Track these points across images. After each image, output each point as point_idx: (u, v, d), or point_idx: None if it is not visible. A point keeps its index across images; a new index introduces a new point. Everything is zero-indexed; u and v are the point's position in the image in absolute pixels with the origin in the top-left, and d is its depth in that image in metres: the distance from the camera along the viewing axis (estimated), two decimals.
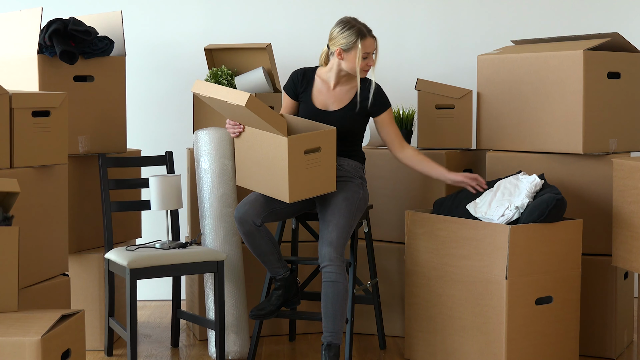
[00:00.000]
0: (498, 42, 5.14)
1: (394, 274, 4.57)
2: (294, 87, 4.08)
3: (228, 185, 4.27)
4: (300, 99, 4.07)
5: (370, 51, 3.94)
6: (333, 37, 3.94)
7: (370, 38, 3.92)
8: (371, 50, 3.94)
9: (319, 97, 4.04)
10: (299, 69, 4.10)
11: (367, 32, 3.92)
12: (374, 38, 3.94)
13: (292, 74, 4.10)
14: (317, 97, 4.04)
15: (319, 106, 4.02)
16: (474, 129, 4.58)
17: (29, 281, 3.65)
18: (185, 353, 4.36)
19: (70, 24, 4.18)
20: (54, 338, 2.98)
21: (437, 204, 4.16)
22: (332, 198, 3.88)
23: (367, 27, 3.94)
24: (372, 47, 3.94)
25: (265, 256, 3.95)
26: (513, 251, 3.71)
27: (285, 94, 4.09)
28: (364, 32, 3.91)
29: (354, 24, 3.93)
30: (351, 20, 3.95)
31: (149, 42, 5.28)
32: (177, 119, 5.27)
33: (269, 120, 3.64)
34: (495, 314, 3.76)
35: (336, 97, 4.02)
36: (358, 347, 4.45)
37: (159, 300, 5.37)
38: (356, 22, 3.95)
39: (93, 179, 4.42)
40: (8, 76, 4.21)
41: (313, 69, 4.09)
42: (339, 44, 3.91)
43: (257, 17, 5.29)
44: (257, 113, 3.60)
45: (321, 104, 4.03)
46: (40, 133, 3.65)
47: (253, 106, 3.58)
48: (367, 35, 3.92)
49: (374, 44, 3.94)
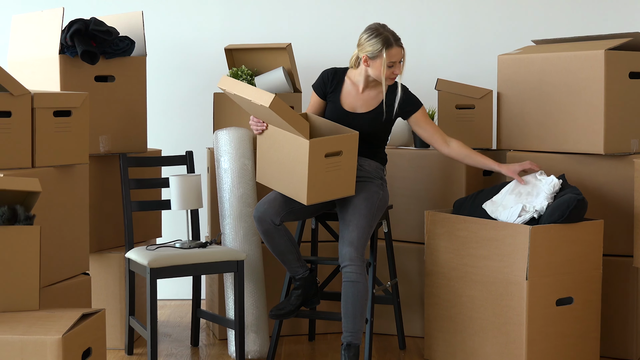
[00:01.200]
0: (519, 42, 5.12)
1: (414, 274, 4.56)
2: (324, 87, 4.07)
3: (248, 185, 4.28)
4: (329, 99, 4.06)
5: (396, 60, 3.90)
6: (360, 43, 3.92)
7: (396, 47, 3.88)
8: (397, 60, 3.90)
9: (348, 99, 4.03)
10: (330, 69, 4.09)
11: (394, 41, 3.88)
12: (400, 47, 3.90)
13: (322, 72, 4.09)
14: (345, 98, 4.03)
15: (347, 108, 4.01)
16: (494, 129, 4.56)
17: (51, 280, 3.67)
18: (205, 352, 4.37)
19: (92, 24, 4.20)
20: (75, 337, 2.99)
21: (457, 204, 4.15)
22: (353, 198, 3.88)
23: (395, 36, 3.90)
24: (398, 56, 3.90)
25: (284, 255, 3.96)
26: (533, 252, 3.70)
27: (314, 91, 4.08)
28: (391, 41, 3.87)
29: (381, 32, 3.88)
30: (379, 27, 3.90)
31: (170, 42, 5.29)
32: (198, 118, 5.28)
33: (292, 122, 3.64)
34: (515, 315, 3.75)
35: (364, 101, 4.01)
36: (378, 347, 4.45)
37: (179, 299, 5.39)
38: (384, 30, 3.90)
39: (114, 179, 4.44)
40: (30, 76, 4.23)
41: (344, 70, 4.08)
42: (365, 52, 3.89)
43: (277, 17, 5.30)
44: (280, 115, 3.60)
45: (349, 106, 4.02)
46: (62, 133, 3.67)
47: (277, 108, 3.58)
48: (393, 44, 3.87)
49: (400, 53, 3.90)
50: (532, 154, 4.28)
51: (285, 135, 3.78)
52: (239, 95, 3.70)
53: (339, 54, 4.19)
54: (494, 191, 4.05)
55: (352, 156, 3.83)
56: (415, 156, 4.58)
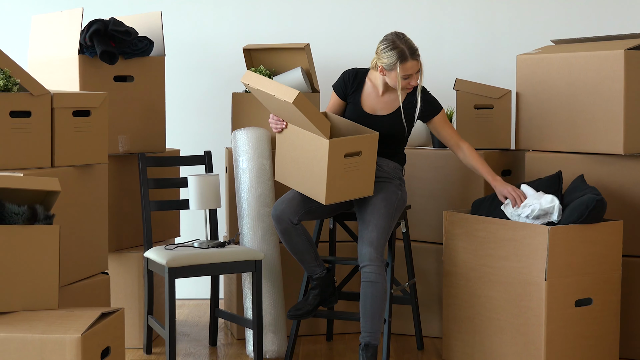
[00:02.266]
0: (537, 42, 5.10)
1: (432, 275, 4.56)
2: (344, 88, 4.06)
3: (266, 185, 4.29)
4: (349, 100, 4.05)
5: (412, 73, 3.86)
6: (377, 53, 3.89)
7: (411, 61, 3.83)
8: (412, 72, 3.85)
9: (368, 100, 4.02)
10: (352, 69, 4.08)
11: (410, 54, 3.82)
12: (416, 60, 3.84)
13: (343, 73, 4.08)
14: (366, 100, 4.03)
15: (367, 110, 4.01)
16: (513, 129, 4.55)
17: (70, 279, 3.69)
18: (223, 352, 4.38)
19: (111, 24, 4.21)
20: (94, 336, 3.01)
21: (476, 205, 4.14)
22: (371, 198, 3.87)
23: (412, 48, 3.84)
24: (414, 69, 3.85)
25: (302, 255, 3.96)
26: (552, 252, 3.69)
27: (334, 92, 4.08)
28: (406, 55, 3.82)
29: (397, 44, 3.83)
30: (395, 39, 3.85)
31: (189, 43, 5.30)
32: (216, 118, 5.29)
33: (313, 120, 3.64)
34: (534, 316, 3.74)
35: (385, 103, 4.00)
36: (395, 347, 4.44)
37: (198, 299, 5.40)
38: (400, 41, 3.84)
39: (133, 178, 4.45)
40: (49, 76, 4.25)
41: (365, 71, 4.06)
42: (382, 63, 3.86)
43: (295, 17, 5.30)
44: (303, 112, 3.59)
45: (370, 108, 4.01)
46: (81, 132, 3.69)
47: (300, 104, 3.57)
48: (408, 58, 3.82)
49: (415, 66, 3.85)
50: (551, 154, 4.27)
51: (305, 135, 3.78)
52: (262, 90, 3.69)
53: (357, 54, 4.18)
54: None
55: (372, 157, 3.82)
56: (434, 156, 4.57)
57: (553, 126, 4.27)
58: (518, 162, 4.61)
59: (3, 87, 3.45)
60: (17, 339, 2.93)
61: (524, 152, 4.47)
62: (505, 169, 4.56)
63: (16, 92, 3.50)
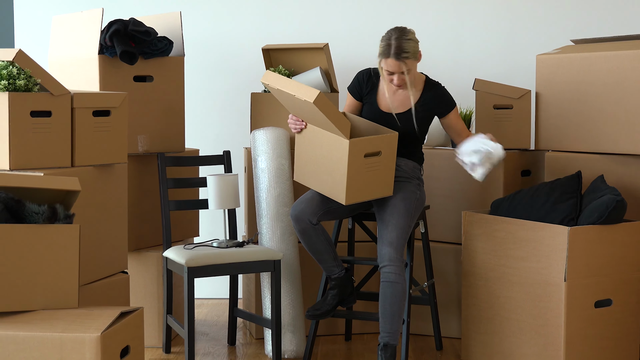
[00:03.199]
0: (557, 42, 5.08)
1: (451, 275, 4.55)
2: (359, 88, 4.06)
3: (285, 184, 4.29)
4: (365, 100, 4.05)
5: (393, 71, 3.83)
6: None
7: (392, 59, 3.81)
8: (394, 70, 3.83)
9: (383, 99, 4.02)
10: (365, 70, 4.08)
11: (394, 53, 3.80)
12: (398, 61, 3.80)
13: (357, 74, 4.08)
14: (381, 99, 4.02)
15: (383, 109, 4.00)
16: (533, 129, 4.53)
17: (90, 278, 3.70)
18: (241, 351, 4.38)
19: (131, 24, 4.23)
20: (113, 334, 3.02)
21: (495, 205, 4.13)
22: (390, 198, 3.87)
23: (399, 48, 3.80)
24: (394, 68, 3.82)
25: (321, 255, 3.96)
26: (572, 253, 3.67)
27: (349, 94, 4.08)
28: (388, 51, 3.81)
29: (387, 38, 3.85)
30: (390, 33, 3.86)
31: (208, 43, 5.32)
32: (235, 118, 5.30)
33: (334, 120, 3.63)
34: (553, 317, 3.72)
35: (399, 101, 3.99)
36: (414, 348, 4.43)
37: (217, 298, 5.41)
38: (393, 36, 3.83)
39: (152, 178, 4.46)
40: (70, 76, 4.27)
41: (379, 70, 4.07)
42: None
43: (314, 17, 5.30)
44: (323, 111, 3.59)
45: (385, 106, 4.01)
46: (101, 132, 3.70)
47: (321, 104, 3.57)
48: (389, 55, 3.81)
49: (396, 66, 3.81)
50: (571, 154, 4.25)
51: (324, 135, 3.78)
52: (283, 90, 3.69)
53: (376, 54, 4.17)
54: (532, 192, 4.02)
55: (391, 156, 3.82)
56: (453, 156, 4.55)
57: (573, 126, 4.25)
58: (538, 163, 4.60)
59: (24, 87, 3.47)
60: (37, 337, 2.94)
61: (544, 152, 4.46)
62: (525, 169, 4.54)
63: (37, 92, 3.51)
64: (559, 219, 3.84)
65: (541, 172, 4.56)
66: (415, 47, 3.85)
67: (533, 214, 3.94)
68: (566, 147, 4.30)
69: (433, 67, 5.07)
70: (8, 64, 3.46)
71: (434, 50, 5.24)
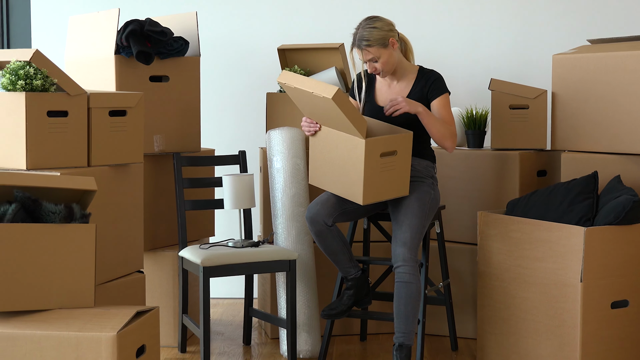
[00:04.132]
0: (574, 42, 5.06)
1: (466, 275, 4.54)
2: (359, 90, 4.09)
3: (300, 184, 4.29)
4: (365, 100, 4.07)
5: (364, 59, 3.91)
6: None
7: (356, 48, 3.89)
8: (364, 59, 3.91)
9: (380, 95, 4.04)
10: (359, 72, 4.11)
11: (357, 43, 3.87)
12: (361, 49, 3.87)
13: (356, 76, 4.12)
14: (379, 95, 4.04)
15: (381, 104, 4.02)
16: (549, 129, 4.52)
17: (106, 277, 3.72)
18: (257, 351, 4.39)
19: (147, 24, 4.24)
20: (129, 334, 3.02)
21: (511, 205, 4.12)
22: (405, 199, 3.87)
23: (362, 37, 3.86)
24: (360, 56, 3.90)
25: (337, 256, 3.96)
26: (588, 253, 3.66)
27: (351, 98, 4.11)
28: (353, 41, 3.90)
29: (355, 28, 3.92)
30: (359, 24, 3.93)
31: (223, 43, 5.33)
32: (251, 118, 5.30)
33: (351, 118, 3.62)
34: (569, 317, 3.71)
35: (395, 93, 3.99)
36: (430, 348, 4.43)
37: (232, 298, 5.42)
38: (358, 26, 3.91)
39: (168, 178, 4.48)
40: (86, 76, 4.29)
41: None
42: None
43: (330, 17, 5.30)
44: (342, 109, 3.57)
45: (383, 101, 4.02)
46: (117, 132, 3.72)
47: (339, 101, 3.56)
48: (354, 44, 3.90)
49: (360, 54, 3.89)
50: (587, 155, 4.23)
51: (339, 136, 3.78)
52: (300, 88, 3.68)
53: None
54: (548, 192, 4.01)
55: (407, 156, 3.82)
56: (468, 156, 4.55)
57: (589, 126, 4.24)
58: (554, 163, 4.58)
59: (41, 87, 3.48)
60: (53, 336, 2.96)
61: (560, 153, 4.44)
62: (541, 170, 4.53)
63: (53, 92, 3.53)
64: (575, 220, 3.83)
65: (557, 173, 4.55)
66: (382, 35, 3.88)
67: (549, 214, 3.92)
68: (582, 147, 4.28)
69: (449, 67, 5.07)
70: (25, 64, 3.48)
71: (450, 51, 5.23)
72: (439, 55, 5.20)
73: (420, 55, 4.66)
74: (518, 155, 4.39)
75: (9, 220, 3.12)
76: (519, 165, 4.37)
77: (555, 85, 4.37)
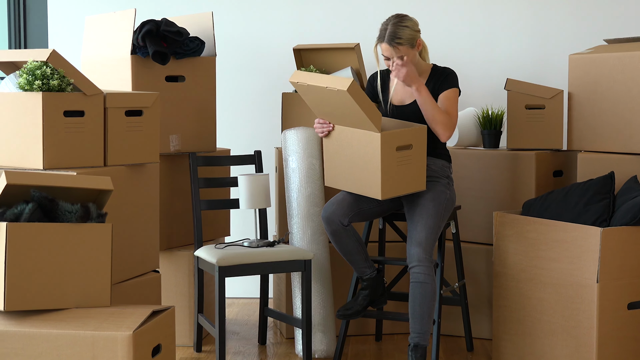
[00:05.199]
0: (590, 41, 5.04)
1: (482, 276, 4.53)
2: (373, 90, 4.10)
3: (315, 184, 4.29)
4: (379, 99, 4.07)
5: (388, 55, 3.88)
6: None
7: (385, 44, 3.87)
8: (388, 55, 3.88)
9: (395, 94, 4.04)
10: (375, 72, 4.12)
11: (388, 38, 3.85)
12: (391, 46, 3.85)
13: (369, 77, 4.13)
14: (394, 94, 4.04)
15: (396, 102, 4.02)
16: (565, 129, 4.51)
17: (122, 277, 3.73)
18: (272, 351, 4.39)
19: (163, 25, 4.25)
20: (145, 333, 3.03)
21: (527, 205, 4.11)
22: (420, 199, 3.86)
23: (393, 33, 3.85)
24: (387, 52, 3.87)
25: (352, 256, 3.96)
26: (605, 254, 3.64)
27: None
28: (382, 35, 3.88)
29: (384, 23, 3.91)
30: (389, 19, 3.92)
31: (239, 43, 5.33)
32: (266, 118, 5.31)
33: (366, 110, 3.61)
34: (586, 318, 3.70)
35: (410, 91, 3.98)
36: (445, 348, 4.42)
37: (247, 297, 5.42)
38: (389, 22, 3.90)
39: (184, 178, 4.48)
40: (102, 76, 4.30)
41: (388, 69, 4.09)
42: None
43: (346, 16, 5.30)
44: (357, 100, 3.56)
45: (398, 100, 4.02)
46: (133, 132, 3.73)
47: (354, 93, 3.55)
48: (383, 40, 3.88)
49: (387, 51, 3.87)
50: (604, 155, 4.22)
51: (354, 133, 3.78)
52: (314, 85, 3.67)
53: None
54: (564, 192, 4.00)
55: (422, 150, 3.81)
56: (484, 156, 4.54)
57: (606, 126, 4.22)
58: (570, 163, 4.57)
59: (57, 87, 3.50)
60: (69, 335, 2.97)
61: (576, 153, 4.43)
62: (557, 170, 4.52)
63: (70, 92, 3.54)
64: (591, 220, 3.81)
65: (573, 173, 4.53)
66: (412, 35, 3.88)
67: (565, 214, 3.91)
68: (599, 147, 4.26)
69: (465, 67, 5.06)
70: (42, 64, 3.50)
71: (466, 50, 5.22)
72: (455, 55, 5.19)
73: (437, 55, 4.65)
74: (534, 155, 4.38)
75: (26, 220, 3.13)
76: (535, 166, 4.36)
77: (571, 85, 4.35)
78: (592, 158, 4.25)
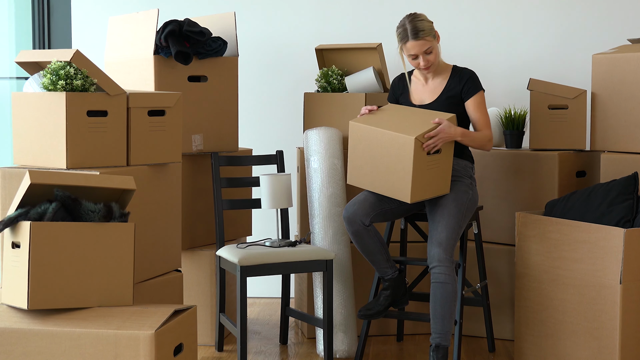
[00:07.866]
0: (614, 41, 5.02)
1: (504, 276, 4.51)
2: (394, 94, 4.14)
3: (337, 184, 4.29)
4: (400, 102, 4.09)
5: (416, 53, 3.90)
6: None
7: (411, 41, 3.88)
8: (417, 52, 3.90)
9: (416, 94, 4.06)
10: (397, 76, 4.17)
11: (411, 35, 3.87)
12: (417, 40, 3.87)
13: (392, 82, 4.17)
14: (414, 95, 4.06)
15: (416, 103, 4.04)
16: (588, 129, 4.48)
17: (144, 276, 3.74)
18: (293, 350, 4.40)
19: (185, 25, 4.26)
20: (167, 332, 3.05)
21: (549, 206, 4.09)
22: (442, 199, 3.86)
23: (415, 28, 3.87)
24: (416, 49, 3.89)
25: (374, 256, 3.96)
26: (628, 255, 3.62)
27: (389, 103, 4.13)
28: (406, 35, 3.89)
29: (401, 25, 3.93)
30: (402, 20, 3.94)
31: (262, 43, 5.34)
32: (288, 118, 5.31)
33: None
34: (608, 320, 3.68)
35: (430, 91, 4.01)
36: (467, 349, 4.41)
37: (269, 297, 5.43)
38: (405, 22, 3.92)
39: (206, 177, 4.50)
40: (126, 76, 4.32)
41: (410, 71, 4.13)
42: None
43: (367, 16, 5.30)
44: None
45: (418, 100, 4.04)
46: (156, 132, 3.74)
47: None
48: (408, 38, 3.88)
49: (417, 46, 3.88)
50: (627, 155, 4.19)
51: (384, 135, 3.78)
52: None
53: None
54: (588, 193, 3.98)
55: (449, 155, 3.83)
56: (506, 157, 4.53)
57: (629, 127, 4.20)
58: (593, 163, 4.54)
59: (81, 87, 3.52)
60: (92, 334, 2.99)
61: (599, 153, 4.40)
62: (580, 170, 4.49)
63: (93, 92, 3.56)
64: (615, 221, 3.79)
65: (597, 173, 4.51)
66: (430, 26, 3.93)
67: (588, 215, 3.89)
68: (622, 147, 4.24)
69: (487, 67, 5.05)
70: (65, 64, 3.52)
71: (489, 50, 5.21)
72: (477, 55, 5.18)
73: (459, 55, 4.65)
74: (557, 155, 4.36)
75: (50, 219, 3.15)
76: (558, 166, 4.34)
77: (595, 85, 4.33)
78: (616, 158, 4.23)
